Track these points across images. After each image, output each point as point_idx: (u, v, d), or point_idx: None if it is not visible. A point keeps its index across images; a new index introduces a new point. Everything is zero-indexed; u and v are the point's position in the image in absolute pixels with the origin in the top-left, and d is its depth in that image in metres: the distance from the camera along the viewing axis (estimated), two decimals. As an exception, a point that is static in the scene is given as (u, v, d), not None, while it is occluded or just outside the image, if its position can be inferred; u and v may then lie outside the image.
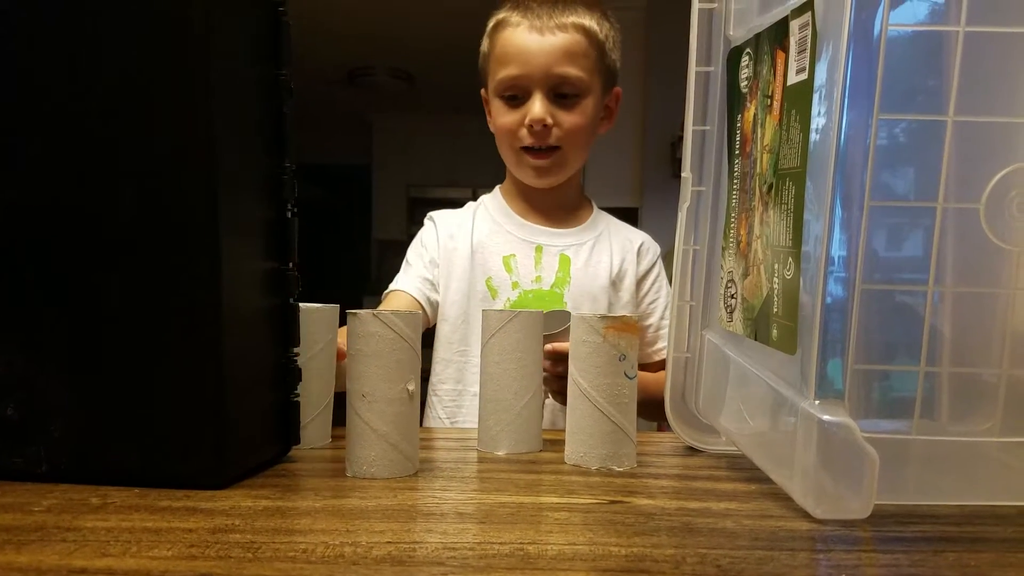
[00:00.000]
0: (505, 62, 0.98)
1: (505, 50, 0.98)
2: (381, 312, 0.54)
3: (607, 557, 0.39)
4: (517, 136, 1.00)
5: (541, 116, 0.96)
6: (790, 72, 0.51)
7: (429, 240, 1.08)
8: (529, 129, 0.98)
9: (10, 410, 0.51)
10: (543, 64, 0.96)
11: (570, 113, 0.98)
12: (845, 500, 0.46)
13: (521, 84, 0.98)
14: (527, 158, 1.01)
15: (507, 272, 1.04)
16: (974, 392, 0.50)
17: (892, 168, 0.47)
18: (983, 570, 0.38)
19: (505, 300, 1.03)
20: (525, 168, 1.03)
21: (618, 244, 1.09)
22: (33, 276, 0.50)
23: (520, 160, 1.02)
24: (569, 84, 0.97)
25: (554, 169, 1.02)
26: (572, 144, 1.00)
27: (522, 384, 0.64)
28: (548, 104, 0.97)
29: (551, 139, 0.99)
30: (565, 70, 0.96)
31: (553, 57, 0.96)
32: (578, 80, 0.97)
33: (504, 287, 1.03)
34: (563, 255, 1.06)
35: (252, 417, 0.54)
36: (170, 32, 0.48)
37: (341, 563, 0.37)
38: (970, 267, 0.49)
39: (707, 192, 0.66)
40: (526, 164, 1.02)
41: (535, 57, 0.96)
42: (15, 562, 0.37)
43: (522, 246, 1.06)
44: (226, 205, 0.50)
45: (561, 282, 1.04)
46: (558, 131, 0.98)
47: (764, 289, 0.54)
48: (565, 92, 0.98)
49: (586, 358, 0.60)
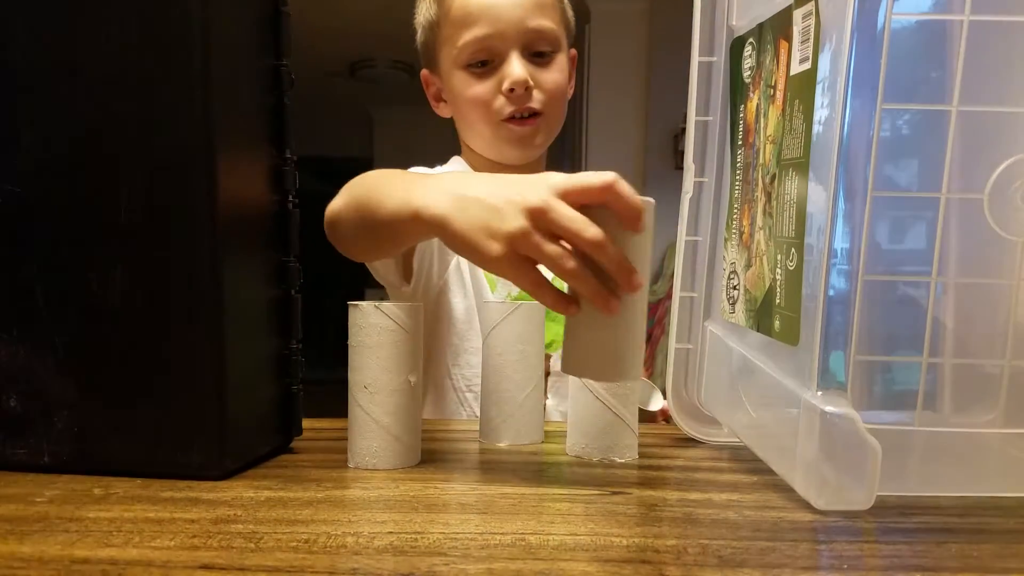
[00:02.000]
0: (468, 23, 0.85)
1: (466, 9, 0.85)
2: (383, 304, 0.54)
3: (609, 548, 0.39)
4: (492, 108, 0.87)
5: (523, 77, 0.84)
6: (793, 62, 0.51)
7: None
8: (508, 95, 0.85)
9: (13, 401, 0.51)
10: (516, 18, 0.84)
11: (548, 71, 0.87)
12: (847, 491, 0.46)
13: (492, 45, 0.85)
14: (509, 128, 0.88)
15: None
16: (976, 383, 0.50)
17: (895, 159, 0.47)
18: (985, 561, 0.38)
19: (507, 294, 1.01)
20: (506, 142, 0.89)
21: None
22: (36, 268, 0.50)
23: (499, 133, 0.89)
24: (545, 39, 0.86)
25: (539, 137, 0.90)
26: (554, 107, 0.89)
27: (524, 376, 0.64)
28: (526, 64, 0.85)
29: (533, 103, 0.87)
30: (540, 22, 0.85)
31: (525, 9, 0.84)
32: (552, 34, 0.86)
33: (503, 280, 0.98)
34: None
35: (254, 408, 0.54)
36: (170, 23, 0.48)
37: (343, 553, 0.38)
38: (973, 258, 0.48)
39: (710, 183, 0.66)
40: (508, 136, 0.88)
41: (504, 11, 0.84)
42: (18, 552, 0.37)
43: None
44: (227, 196, 0.50)
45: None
46: (539, 93, 0.86)
47: (767, 280, 0.54)
48: (542, 49, 0.86)
49: None
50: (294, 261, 0.58)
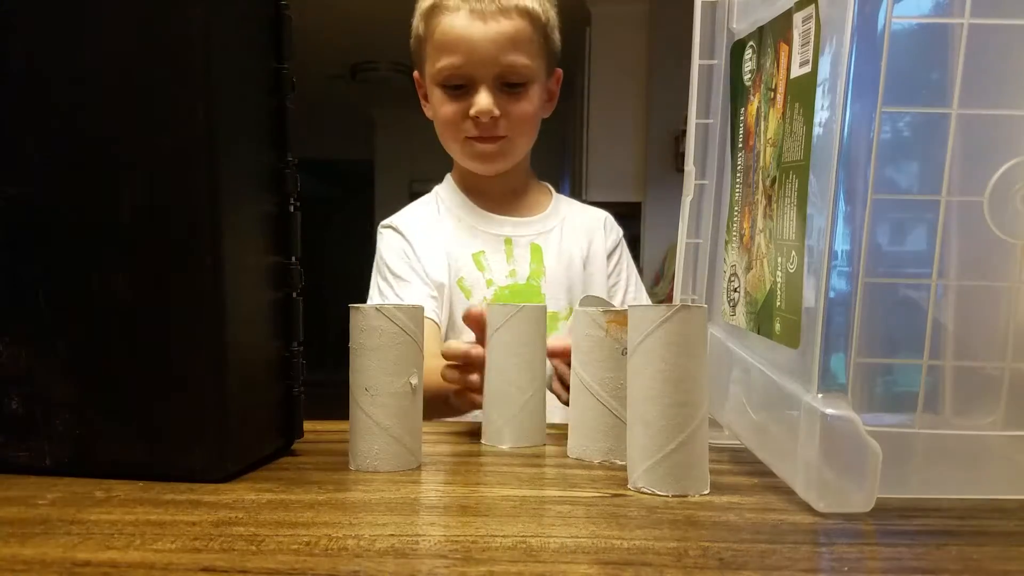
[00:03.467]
0: (445, 50, 0.91)
1: (445, 37, 0.91)
2: (383, 306, 0.54)
3: (609, 550, 0.39)
4: (460, 127, 0.95)
5: (488, 108, 0.91)
6: (793, 65, 0.51)
7: (409, 253, 1.00)
8: (475, 121, 0.92)
9: (14, 403, 0.51)
10: (488, 54, 0.89)
11: (518, 103, 0.93)
12: (848, 493, 0.46)
13: (465, 73, 0.91)
14: (473, 145, 0.95)
15: (479, 270, 0.99)
16: (977, 386, 0.50)
17: (896, 161, 0.47)
18: (986, 564, 0.38)
19: (481, 299, 0.98)
20: (470, 158, 0.98)
21: (583, 225, 1.06)
22: (37, 270, 0.50)
23: (464, 149, 0.97)
24: (516, 73, 0.92)
25: (500, 156, 0.97)
26: (519, 132, 0.96)
27: (526, 378, 0.64)
28: (494, 94, 0.91)
29: (499, 130, 0.94)
30: (512, 59, 0.90)
31: (498, 46, 0.89)
32: (525, 68, 0.92)
33: (478, 286, 0.99)
34: (534, 244, 1.01)
35: (255, 411, 0.54)
36: (172, 26, 0.48)
37: (344, 556, 0.38)
38: (974, 261, 0.48)
39: (710, 186, 0.66)
40: (472, 152, 0.96)
41: (479, 46, 0.89)
42: (20, 555, 0.37)
43: (490, 240, 1.01)
44: (228, 199, 0.50)
45: (536, 274, 1.00)
46: (505, 122, 0.93)
47: (767, 283, 0.54)
48: (512, 81, 0.92)
49: (588, 352, 0.59)
50: (295, 264, 0.58)
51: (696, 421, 0.49)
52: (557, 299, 1.00)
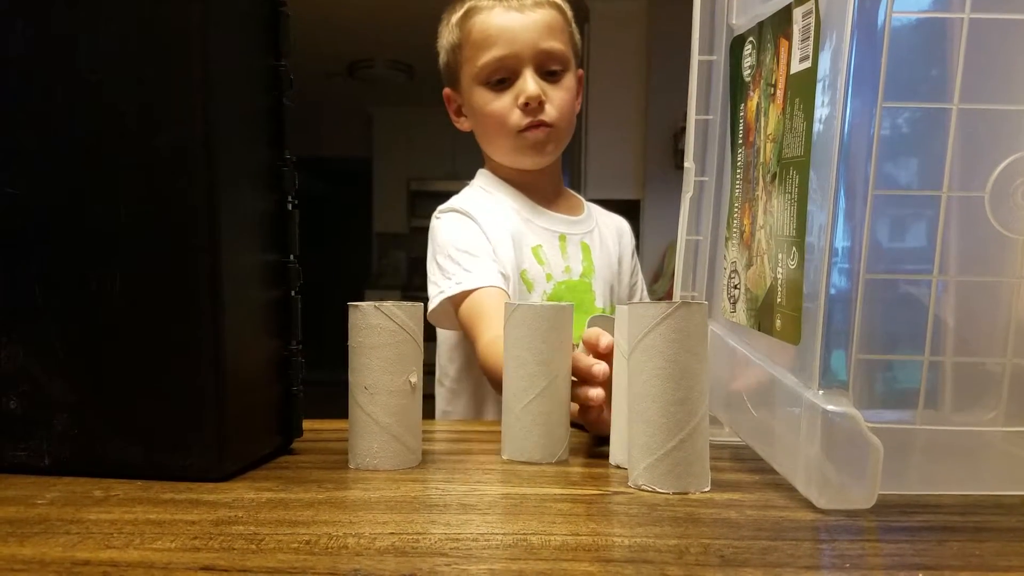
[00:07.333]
0: (487, 45, 0.95)
1: (486, 32, 0.95)
2: (382, 304, 0.54)
3: (610, 547, 0.39)
4: (509, 120, 0.97)
5: (536, 92, 0.94)
6: (793, 61, 0.51)
7: (479, 233, 0.98)
8: (524, 108, 0.95)
9: (13, 403, 0.51)
10: (530, 40, 0.94)
11: (558, 89, 0.97)
12: (849, 490, 0.46)
13: (508, 64, 0.95)
14: (524, 136, 0.97)
15: (539, 264, 1.00)
16: (978, 381, 0.50)
17: (896, 157, 0.47)
18: (987, 559, 0.38)
19: (541, 293, 0.99)
20: (523, 150, 0.99)
21: (611, 228, 1.10)
22: (35, 270, 0.50)
23: (518, 142, 0.98)
24: (555, 59, 0.96)
25: (550, 145, 0.99)
26: (563, 120, 0.99)
27: (522, 385, 0.58)
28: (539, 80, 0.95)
29: (545, 116, 0.96)
30: (550, 44, 0.95)
31: (538, 32, 0.94)
32: (562, 55, 0.96)
33: (539, 280, 0.99)
34: (583, 243, 1.04)
35: (254, 410, 0.54)
36: (169, 23, 0.48)
37: (344, 554, 0.37)
38: (974, 256, 0.48)
39: (710, 182, 0.66)
40: (524, 144, 0.98)
41: (521, 34, 0.94)
42: (19, 554, 0.37)
43: (545, 235, 1.02)
44: (226, 197, 0.50)
45: (588, 271, 1.02)
46: (551, 107, 0.96)
47: (768, 279, 0.54)
48: (552, 68, 0.96)
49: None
50: (293, 262, 0.58)
51: (697, 418, 0.49)
52: (604, 297, 1.03)
